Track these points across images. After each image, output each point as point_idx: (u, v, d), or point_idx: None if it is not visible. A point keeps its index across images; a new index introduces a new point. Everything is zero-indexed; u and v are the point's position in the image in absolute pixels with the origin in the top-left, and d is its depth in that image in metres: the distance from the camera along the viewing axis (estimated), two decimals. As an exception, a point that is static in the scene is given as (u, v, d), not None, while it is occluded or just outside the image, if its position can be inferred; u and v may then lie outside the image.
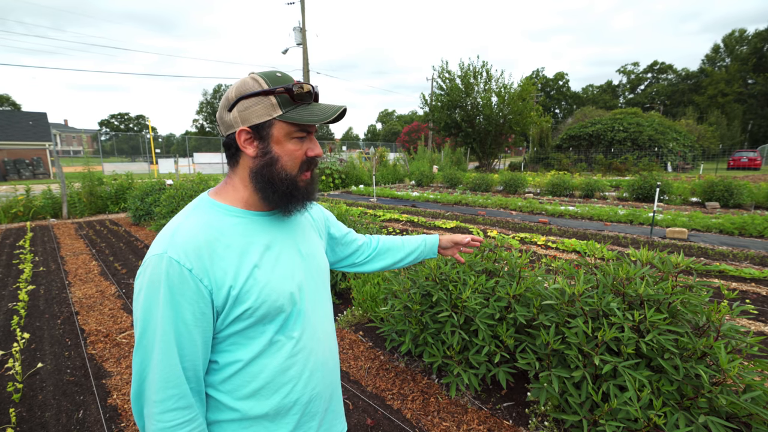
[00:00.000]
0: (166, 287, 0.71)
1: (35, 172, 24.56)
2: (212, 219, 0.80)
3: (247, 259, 0.79)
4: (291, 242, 0.90)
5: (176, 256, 0.72)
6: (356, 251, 1.23)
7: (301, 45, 20.21)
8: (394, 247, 1.28)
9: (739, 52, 49.79)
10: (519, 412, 2.24)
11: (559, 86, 67.28)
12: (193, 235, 0.75)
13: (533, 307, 2.15)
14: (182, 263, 0.72)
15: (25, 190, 9.60)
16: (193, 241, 0.74)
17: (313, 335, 0.89)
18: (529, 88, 21.79)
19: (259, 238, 0.83)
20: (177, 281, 0.71)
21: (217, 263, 0.75)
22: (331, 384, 0.94)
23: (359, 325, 3.43)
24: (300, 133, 0.82)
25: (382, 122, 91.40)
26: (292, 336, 0.84)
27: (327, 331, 0.95)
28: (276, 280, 0.81)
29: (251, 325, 0.79)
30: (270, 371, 0.81)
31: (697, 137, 28.46)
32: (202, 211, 0.81)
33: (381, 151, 21.16)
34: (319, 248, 1.00)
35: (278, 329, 0.82)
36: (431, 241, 1.33)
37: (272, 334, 0.81)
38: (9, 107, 55.76)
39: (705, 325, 1.83)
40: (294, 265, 0.87)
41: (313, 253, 0.95)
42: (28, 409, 2.36)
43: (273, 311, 0.80)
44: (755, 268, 4.74)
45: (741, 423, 1.61)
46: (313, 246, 0.97)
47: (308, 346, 0.87)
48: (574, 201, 11.50)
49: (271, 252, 0.83)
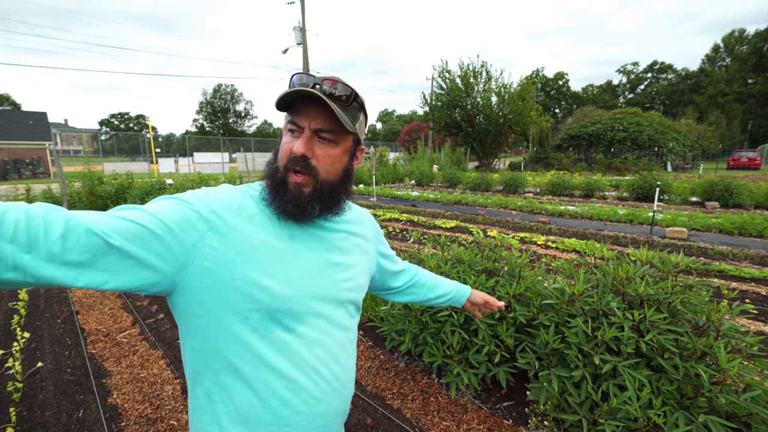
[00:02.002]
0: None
1: (35, 172, 24.55)
2: (254, 199, 0.79)
3: (267, 248, 0.74)
4: (315, 252, 0.81)
5: (206, 198, 0.72)
6: (395, 274, 1.14)
7: (301, 44, 20.22)
8: (429, 283, 1.21)
9: (739, 51, 49.80)
10: (519, 411, 2.24)
11: (559, 86, 67.29)
12: (233, 197, 0.76)
13: (533, 306, 2.15)
14: (212, 207, 0.71)
15: (25, 190, 9.60)
16: (231, 200, 0.74)
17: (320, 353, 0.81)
18: (528, 88, 21.80)
19: (282, 232, 0.78)
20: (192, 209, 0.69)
21: (237, 233, 0.71)
22: (340, 416, 0.86)
23: (359, 324, 3.43)
24: (291, 125, 0.77)
25: (382, 122, 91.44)
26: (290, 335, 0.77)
27: (341, 358, 0.84)
28: (292, 276, 0.76)
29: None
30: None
31: (697, 137, 28.47)
32: (253, 190, 0.81)
33: (381, 151, 21.16)
34: (360, 267, 0.91)
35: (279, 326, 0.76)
36: (463, 291, 1.27)
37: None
38: (9, 107, 55.76)
39: (705, 325, 1.83)
40: (317, 269, 0.80)
41: (346, 267, 0.86)
42: (29, 408, 2.36)
43: (280, 305, 0.73)
44: (755, 268, 4.74)
45: (741, 422, 1.61)
46: (349, 260, 0.87)
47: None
48: (573, 201, 11.50)
49: (283, 249, 0.77)
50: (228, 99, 65.67)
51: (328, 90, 0.74)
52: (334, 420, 0.84)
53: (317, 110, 0.75)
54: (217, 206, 0.71)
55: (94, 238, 0.55)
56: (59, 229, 0.53)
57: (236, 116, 66.93)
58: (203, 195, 0.73)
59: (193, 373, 0.77)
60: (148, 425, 2.18)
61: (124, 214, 0.62)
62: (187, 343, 0.76)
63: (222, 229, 0.70)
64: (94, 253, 0.56)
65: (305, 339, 0.77)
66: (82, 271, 0.55)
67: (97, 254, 0.56)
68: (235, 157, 33.08)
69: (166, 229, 0.64)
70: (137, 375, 2.67)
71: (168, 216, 0.65)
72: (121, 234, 0.58)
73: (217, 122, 65.62)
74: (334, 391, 0.81)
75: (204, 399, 0.76)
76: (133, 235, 0.60)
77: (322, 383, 0.78)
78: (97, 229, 0.56)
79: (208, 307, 0.70)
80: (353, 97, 0.77)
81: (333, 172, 0.79)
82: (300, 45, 20.25)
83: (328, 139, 0.77)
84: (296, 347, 0.75)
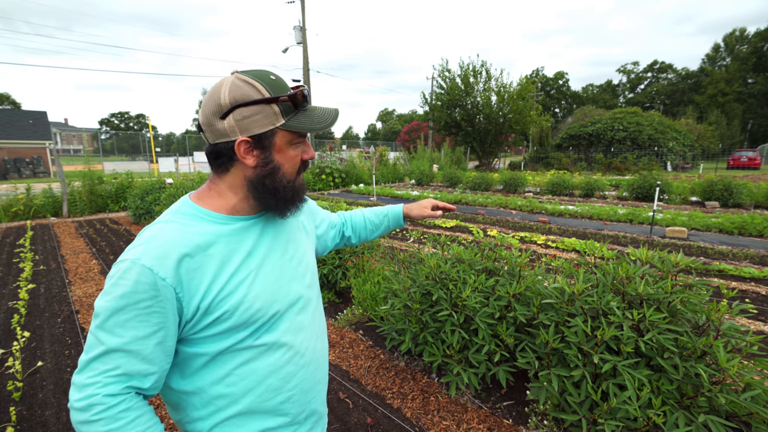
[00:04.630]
0: (132, 298, 0.68)
1: (35, 171, 24.54)
2: (194, 226, 0.76)
3: (227, 268, 0.76)
4: (277, 246, 0.87)
5: (149, 263, 0.68)
6: (337, 233, 1.25)
7: (301, 44, 20.20)
8: (358, 226, 1.30)
9: (739, 51, 49.74)
10: (519, 411, 2.24)
11: (559, 85, 67.22)
12: (172, 241, 0.72)
13: (533, 306, 2.15)
14: (155, 271, 0.68)
15: (25, 189, 9.59)
16: (172, 247, 0.71)
17: (303, 340, 0.89)
18: (528, 87, 21.78)
19: (242, 245, 0.80)
20: (144, 292, 0.68)
21: (194, 273, 0.73)
22: (319, 382, 0.95)
23: (359, 324, 3.43)
24: (299, 139, 0.82)
25: (382, 121, 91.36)
26: (277, 340, 0.83)
27: (318, 335, 0.94)
28: (258, 287, 0.79)
29: (227, 331, 0.77)
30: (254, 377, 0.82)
31: (697, 137, 28.45)
32: (183, 216, 0.78)
33: (381, 150, 21.16)
34: (307, 249, 0.99)
35: (258, 334, 0.81)
36: (394, 212, 1.32)
37: (253, 340, 0.80)
38: (9, 106, 55.68)
39: (705, 324, 1.83)
40: (279, 269, 0.86)
41: (300, 256, 0.93)
42: (29, 407, 2.36)
43: (250, 318, 0.78)
44: (755, 268, 4.74)
45: (741, 422, 1.61)
46: (300, 248, 0.94)
47: (297, 349, 0.87)
48: (573, 200, 11.50)
49: (254, 258, 0.81)
50: (228, 98, 65.56)
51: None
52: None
53: None
54: (174, 280, 0.71)
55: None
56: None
57: (236, 115, 66.76)
58: (161, 272, 0.70)
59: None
60: (149, 424, 2.18)
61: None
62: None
63: (188, 286, 0.74)
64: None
65: (287, 337, 0.85)
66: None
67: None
68: (235, 156, 32.89)
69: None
70: (137, 374, 2.67)
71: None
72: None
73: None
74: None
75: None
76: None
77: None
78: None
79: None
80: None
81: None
82: (300, 44, 20.23)
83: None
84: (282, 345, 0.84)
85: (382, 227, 1.32)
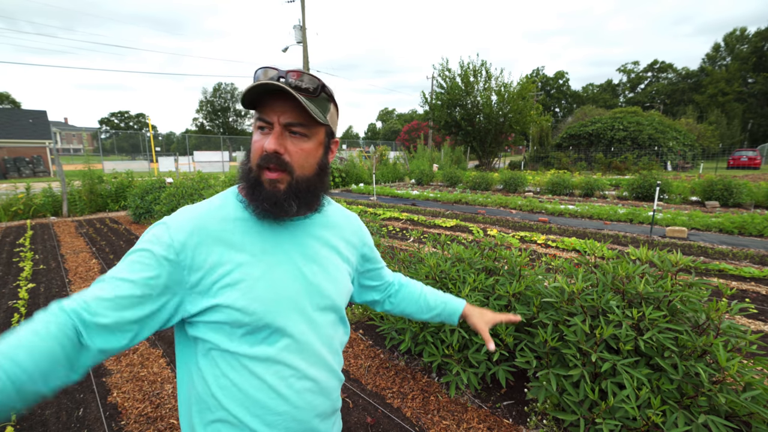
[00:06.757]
0: (141, 245, 0.71)
1: (35, 170, 24.54)
2: (223, 209, 0.77)
3: (235, 256, 0.73)
4: (299, 256, 0.80)
5: (170, 222, 0.73)
6: (379, 287, 1.09)
7: (301, 43, 20.18)
8: (412, 299, 1.12)
9: (740, 51, 49.71)
10: (519, 410, 2.24)
11: (559, 85, 67.18)
12: (197, 214, 0.75)
13: (533, 305, 2.15)
14: (171, 233, 0.71)
15: (25, 188, 9.59)
16: (190, 218, 0.74)
17: (305, 366, 0.80)
18: (528, 87, 21.78)
19: (259, 240, 0.76)
20: (153, 243, 0.70)
21: (202, 248, 0.72)
22: (319, 416, 0.82)
23: (359, 323, 3.43)
24: (260, 122, 0.74)
25: (383, 121, 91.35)
26: (272, 356, 0.76)
27: (325, 365, 0.83)
28: (261, 289, 0.74)
29: (224, 323, 0.73)
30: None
31: (697, 136, 28.45)
32: (221, 198, 0.80)
33: (381, 150, 21.15)
34: (338, 277, 0.87)
35: (252, 340, 0.74)
36: (453, 306, 1.11)
37: (248, 346, 0.74)
38: (8, 105, 55.66)
39: (704, 324, 1.83)
40: (292, 281, 0.78)
41: (323, 278, 0.83)
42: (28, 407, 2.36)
43: (244, 316, 0.72)
44: (755, 267, 4.74)
45: (741, 422, 1.61)
46: (329, 270, 0.85)
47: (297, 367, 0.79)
48: (573, 200, 11.50)
49: (267, 257, 0.76)
50: (228, 98, 65.62)
51: (294, 82, 0.71)
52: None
53: (285, 104, 0.72)
54: (181, 245, 0.72)
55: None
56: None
57: (236, 115, 66.86)
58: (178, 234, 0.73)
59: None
60: (148, 424, 2.18)
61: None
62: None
63: (193, 256, 0.73)
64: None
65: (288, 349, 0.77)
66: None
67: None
68: (235, 155, 33.07)
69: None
70: (137, 374, 2.67)
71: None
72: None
73: (217, 121, 65.57)
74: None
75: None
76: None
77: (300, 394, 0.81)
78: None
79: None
80: (321, 88, 0.74)
81: (308, 167, 0.77)
82: (300, 44, 20.21)
83: (299, 133, 0.74)
84: (278, 359, 0.76)
85: (434, 311, 1.11)
